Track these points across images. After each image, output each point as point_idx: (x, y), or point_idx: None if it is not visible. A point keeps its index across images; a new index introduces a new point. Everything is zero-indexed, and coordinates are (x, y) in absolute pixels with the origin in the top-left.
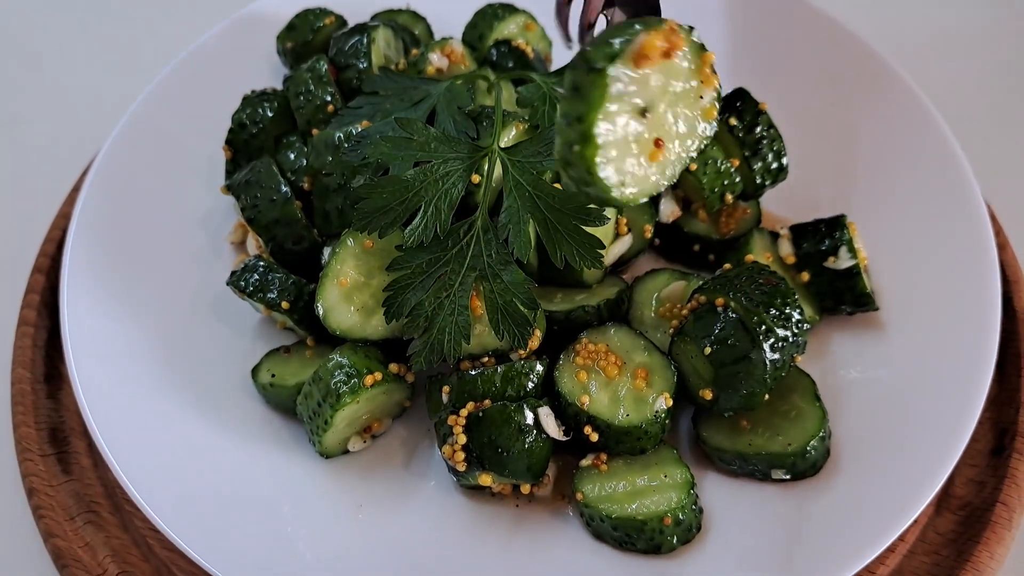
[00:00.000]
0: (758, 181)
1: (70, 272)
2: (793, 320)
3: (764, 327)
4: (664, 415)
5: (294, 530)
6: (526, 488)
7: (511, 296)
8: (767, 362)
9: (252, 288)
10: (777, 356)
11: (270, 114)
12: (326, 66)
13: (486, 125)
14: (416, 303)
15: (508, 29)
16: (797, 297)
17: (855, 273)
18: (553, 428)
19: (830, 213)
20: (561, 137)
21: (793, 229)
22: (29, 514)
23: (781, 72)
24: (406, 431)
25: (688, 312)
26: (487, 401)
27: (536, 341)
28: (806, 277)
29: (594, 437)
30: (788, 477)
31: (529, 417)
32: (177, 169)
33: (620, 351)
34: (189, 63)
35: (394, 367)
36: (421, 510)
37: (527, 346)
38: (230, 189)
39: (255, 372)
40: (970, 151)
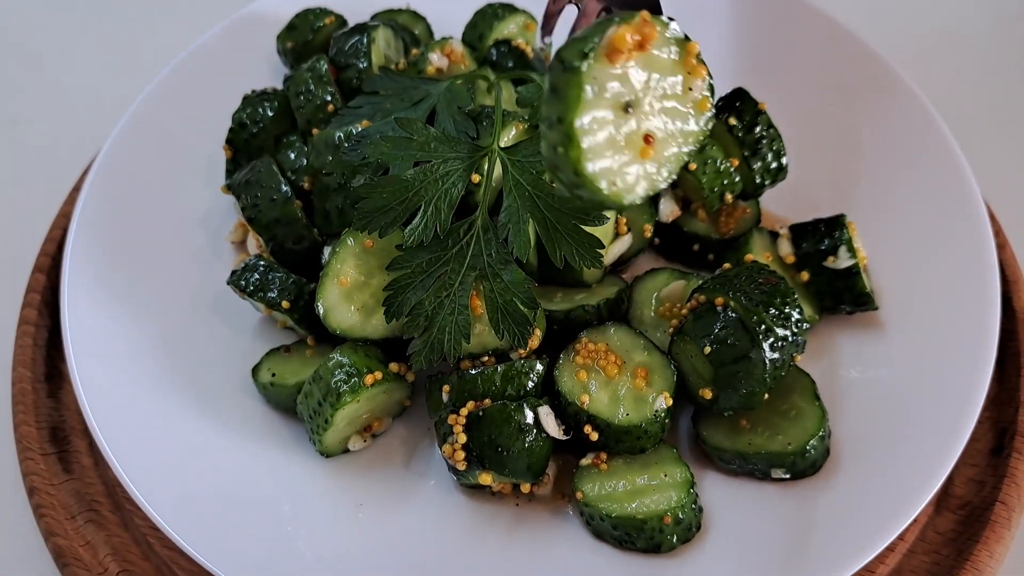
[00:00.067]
0: (757, 181)
1: (71, 271)
2: (793, 319)
3: (764, 326)
4: (664, 414)
5: (294, 529)
6: (526, 487)
7: (511, 295)
8: (767, 361)
9: (252, 287)
10: (777, 355)
11: (270, 114)
12: (326, 66)
13: (486, 125)
14: (416, 302)
15: (508, 29)
16: (796, 296)
17: (854, 272)
18: (553, 427)
19: (829, 213)
20: (545, 141)
21: (793, 229)
22: (30, 513)
23: (781, 72)
24: (406, 430)
25: (688, 311)
26: (487, 400)
27: (536, 340)
28: (806, 277)
29: (594, 436)
30: (788, 476)
31: (529, 416)
32: (177, 169)
33: (620, 350)
34: (189, 63)
35: (394, 366)
36: (421, 509)
37: (527, 345)
38: (230, 188)
39: (255, 371)
40: (969, 151)
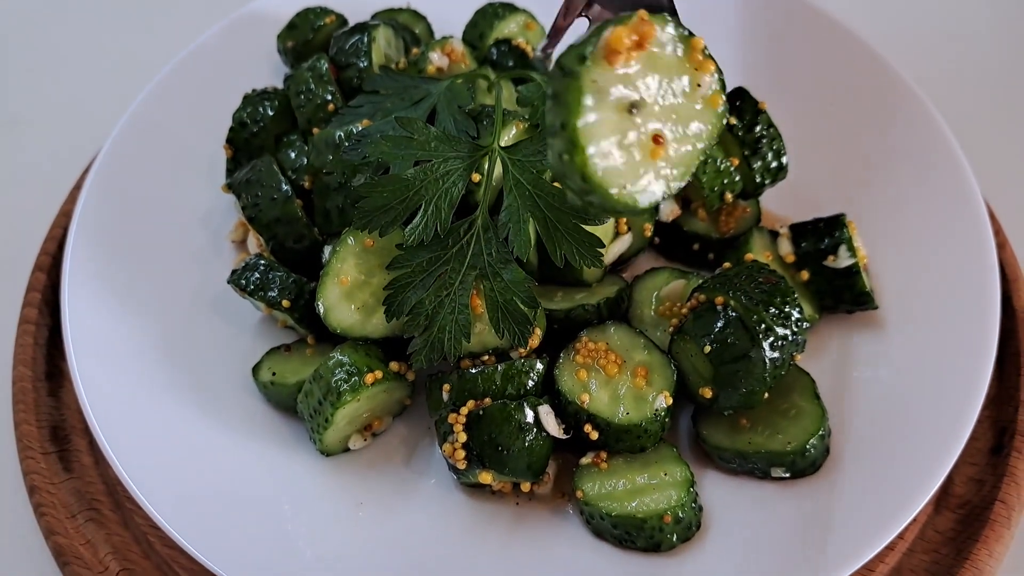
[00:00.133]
0: (758, 180)
1: (71, 270)
2: (793, 319)
3: (764, 325)
4: (664, 413)
5: (294, 528)
6: (526, 486)
7: (511, 295)
8: (767, 360)
9: (253, 286)
10: (777, 354)
11: (271, 113)
12: (327, 65)
13: (486, 124)
14: (416, 301)
15: (508, 28)
16: (796, 296)
17: (854, 272)
18: (553, 426)
19: (830, 212)
20: (551, 150)
21: (793, 228)
22: (30, 512)
23: (781, 71)
24: (406, 429)
25: (688, 311)
26: (487, 399)
27: (536, 339)
28: (806, 276)
29: (594, 435)
30: (788, 475)
31: (529, 415)
32: (178, 168)
33: (620, 349)
34: (190, 62)
35: (395, 365)
36: (421, 508)
37: (527, 344)
38: (231, 188)
39: (256, 370)
40: (969, 150)
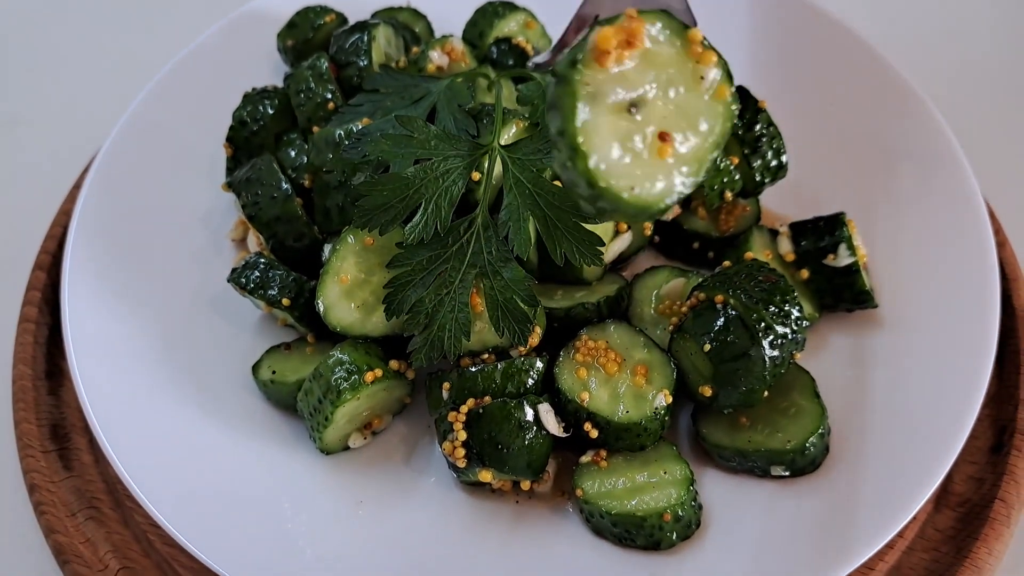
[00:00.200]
0: (757, 179)
1: (71, 269)
2: (792, 317)
3: (763, 324)
4: (663, 412)
5: (295, 526)
6: (526, 484)
7: (511, 293)
8: (766, 359)
9: (253, 285)
10: (776, 353)
11: (271, 111)
12: (327, 64)
13: (486, 123)
14: (416, 300)
15: (508, 27)
16: (796, 294)
17: (854, 271)
18: (553, 424)
19: (829, 211)
20: (556, 161)
21: (792, 227)
22: (30, 510)
23: (781, 70)
24: (406, 428)
25: (688, 309)
26: (487, 398)
27: (536, 338)
28: (805, 274)
29: (594, 434)
30: (787, 474)
31: (529, 414)
32: (178, 166)
33: (620, 348)
34: (190, 61)
35: (394, 364)
36: (421, 506)
37: (527, 343)
38: (231, 186)
39: (256, 369)
40: (969, 149)
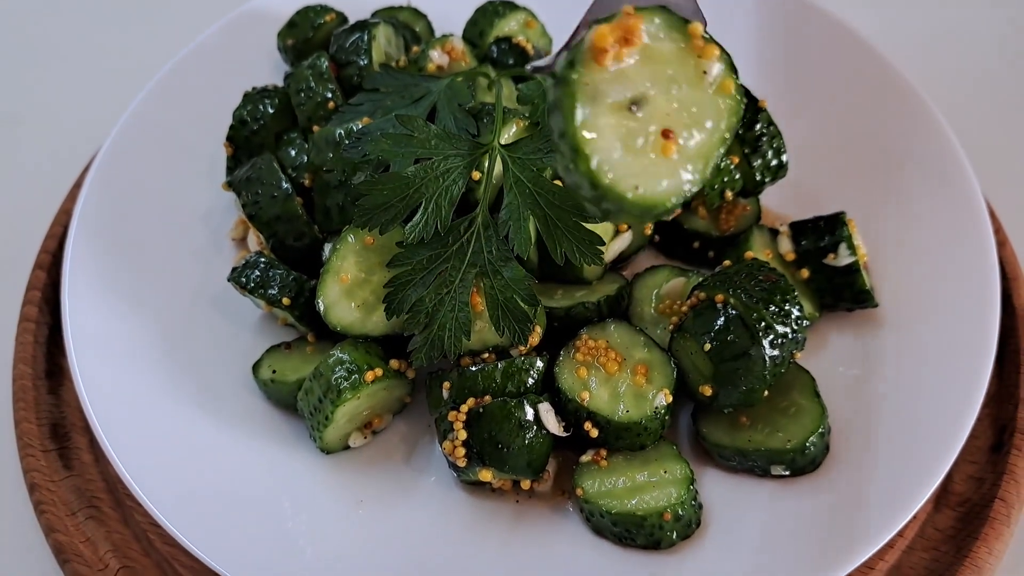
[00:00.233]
0: (758, 178)
1: (71, 268)
2: (792, 317)
3: (764, 323)
4: (664, 411)
5: (295, 525)
6: (526, 484)
7: (511, 292)
8: (766, 358)
9: (253, 284)
10: (776, 352)
11: (271, 111)
12: (327, 63)
13: (486, 122)
14: (417, 299)
15: (509, 26)
16: (796, 294)
17: (854, 270)
18: (553, 424)
19: (830, 210)
20: (560, 165)
21: (793, 226)
22: (30, 509)
23: (781, 69)
24: (406, 427)
25: (688, 309)
26: (487, 397)
27: (536, 337)
28: (806, 274)
29: (594, 433)
30: (787, 473)
31: (529, 413)
32: (178, 166)
33: (620, 347)
34: (190, 60)
35: (395, 363)
36: (421, 506)
37: (527, 342)
38: (231, 185)
39: (256, 368)
40: (970, 148)
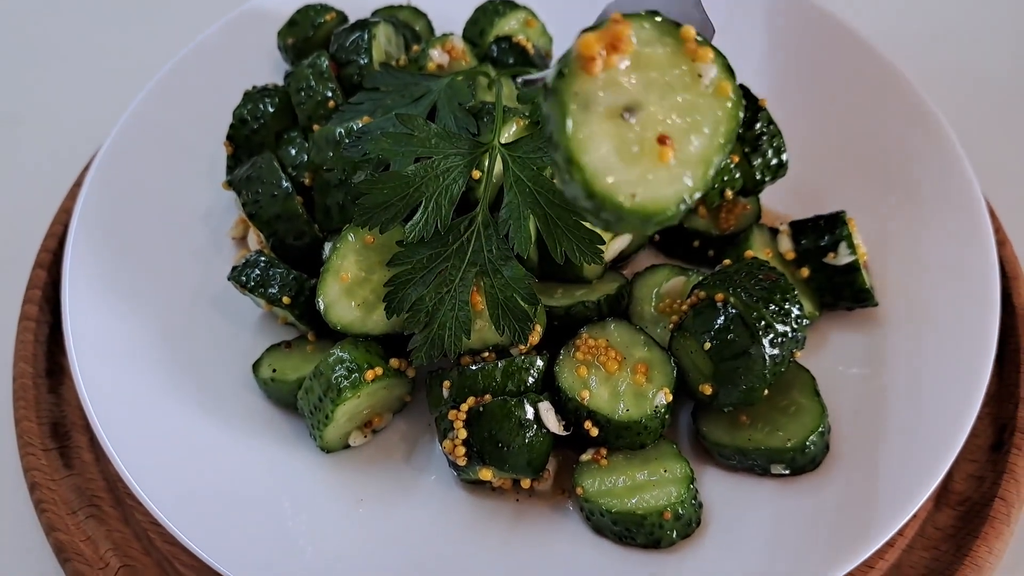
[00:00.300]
0: (758, 177)
1: (72, 267)
2: (792, 316)
3: (764, 323)
4: (664, 410)
5: (295, 524)
6: (526, 483)
7: (511, 291)
8: (766, 357)
9: (253, 283)
10: (776, 351)
11: (271, 110)
12: (327, 62)
13: (487, 121)
14: (417, 298)
15: (509, 25)
16: (796, 293)
17: (854, 269)
18: (553, 423)
19: (830, 209)
20: (557, 177)
21: (793, 225)
22: (31, 508)
23: (781, 68)
24: (407, 426)
25: (688, 308)
26: (487, 396)
27: (536, 336)
28: (806, 273)
29: (594, 432)
30: (787, 472)
31: (529, 412)
32: (178, 165)
33: (620, 346)
34: (190, 59)
35: (395, 362)
36: (421, 505)
37: (527, 341)
38: (231, 185)
39: (256, 367)
40: (970, 148)
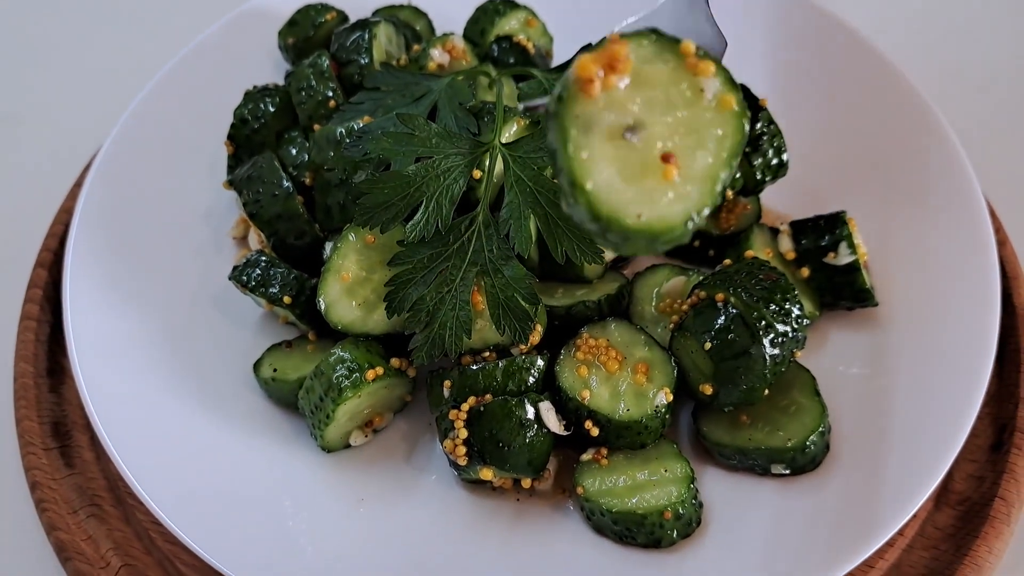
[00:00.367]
0: (758, 177)
1: (72, 267)
2: (793, 316)
3: (764, 322)
4: (664, 410)
5: (296, 523)
6: (527, 482)
7: (512, 291)
8: (767, 357)
9: (254, 283)
10: (777, 351)
11: (272, 109)
12: (328, 62)
13: (487, 121)
14: (417, 298)
15: (509, 25)
16: (797, 293)
17: (855, 269)
18: (554, 422)
19: (830, 209)
20: (563, 201)
21: (793, 225)
22: (32, 508)
23: (782, 68)
24: (407, 425)
25: (688, 307)
26: (488, 396)
27: (537, 336)
28: (806, 273)
29: (595, 431)
30: (788, 472)
31: (530, 411)
32: (179, 164)
33: (620, 346)
34: (191, 58)
35: (395, 362)
36: (422, 504)
37: (528, 341)
38: (232, 184)
39: (257, 366)
40: (970, 148)
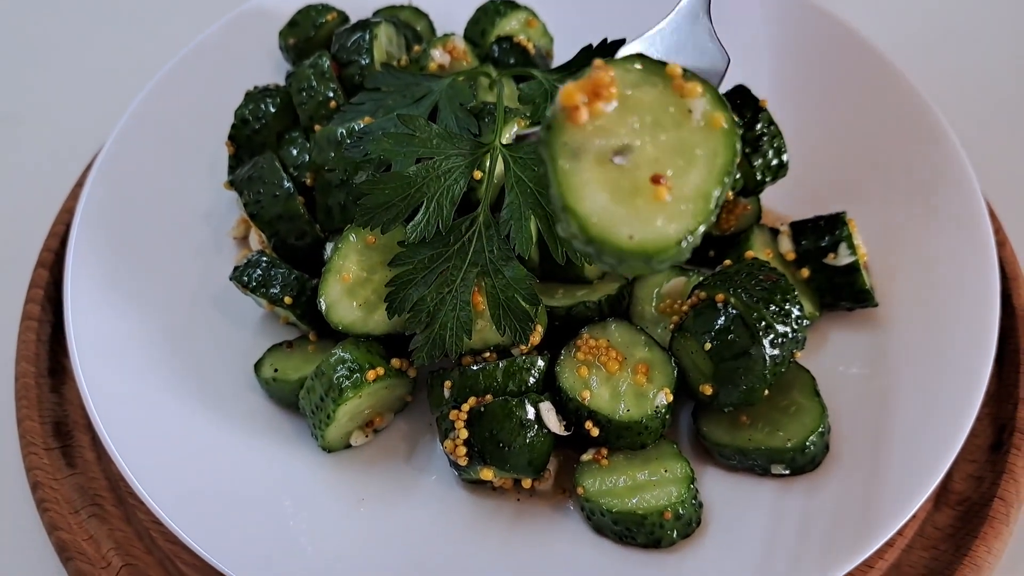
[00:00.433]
0: (758, 177)
1: (74, 267)
2: (793, 316)
3: (764, 323)
4: (664, 410)
5: (296, 523)
6: (527, 482)
7: (513, 292)
8: (767, 358)
9: (255, 283)
10: (777, 352)
11: (272, 110)
12: (328, 62)
13: (488, 121)
14: (418, 298)
15: (510, 25)
16: (797, 293)
17: (855, 269)
18: (554, 423)
19: (830, 210)
20: (559, 227)
21: (793, 226)
22: (33, 507)
23: (782, 69)
24: (408, 426)
25: (688, 308)
26: (488, 396)
27: (537, 336)
28: (806, 273)
29: (595, 432)
30: (787, 472)
31: (530, 412)
32: (180, 164)
33: (621, 346)
34: (192, 59)
35: (396, 362)
36: (422, 504)
37: (528, 341)
38: (233, 184)
39: (258, 367)
40: (970, 148)
